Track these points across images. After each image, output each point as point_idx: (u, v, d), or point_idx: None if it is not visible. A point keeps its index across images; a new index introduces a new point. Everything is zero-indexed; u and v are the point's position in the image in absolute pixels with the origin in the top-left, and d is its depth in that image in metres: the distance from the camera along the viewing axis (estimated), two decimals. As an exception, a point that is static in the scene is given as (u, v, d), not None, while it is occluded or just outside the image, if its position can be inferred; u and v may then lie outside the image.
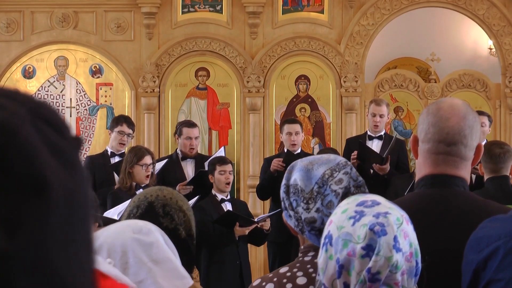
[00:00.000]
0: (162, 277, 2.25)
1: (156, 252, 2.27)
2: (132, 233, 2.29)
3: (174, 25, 10.30)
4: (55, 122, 0.90)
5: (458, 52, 12.96)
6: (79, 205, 0.89)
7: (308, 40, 10.26)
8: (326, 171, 2.36)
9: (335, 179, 2.34)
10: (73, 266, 0.87)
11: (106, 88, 10.30)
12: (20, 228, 0.83)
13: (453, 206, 2.63)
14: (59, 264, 0.85)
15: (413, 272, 1.96)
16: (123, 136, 8.15)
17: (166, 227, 2.82)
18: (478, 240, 2.14)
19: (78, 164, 0.90)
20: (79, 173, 0.90)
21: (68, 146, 0.89)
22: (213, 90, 10.26)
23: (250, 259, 9.76)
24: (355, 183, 2.35)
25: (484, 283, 2.09)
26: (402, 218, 1.97)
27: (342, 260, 1.93)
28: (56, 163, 0.86)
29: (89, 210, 0.91)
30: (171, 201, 2.90)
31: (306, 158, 2.45)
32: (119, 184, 7.35)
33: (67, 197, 0.87)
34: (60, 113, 0.93)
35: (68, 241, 0.87)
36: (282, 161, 8.23)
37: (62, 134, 0.90)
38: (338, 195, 2.32)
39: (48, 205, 0.85)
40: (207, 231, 7.24)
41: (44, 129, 0.87)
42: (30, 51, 10.28)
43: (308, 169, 2.37)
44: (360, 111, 10.16)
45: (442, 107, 2.69)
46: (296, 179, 2.38)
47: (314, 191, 2.33)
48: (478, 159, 2.73)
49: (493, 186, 5.95)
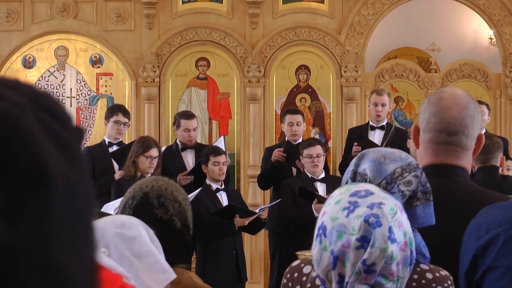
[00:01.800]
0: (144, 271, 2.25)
1: (139, 246, 2.26)
2: (115, 227, 2.28)
3: (174, 15, 10.28)
4: (57, 112, 0.89)
5: (458, 42, 12.94)
6: (80, 196, 0.88)
7: (309, 30, 10.25)
8: (397, 169, 2.30)
9: (405, 179, 2.29)
10: (74, 258, 0.86)
11: (106, 78, 10.29)
12: (21, 219, 0.83)
13: (454, 196, 2.63)
14: (60, 255, 0.85)
15: (408, 261, 1.96)
16: (119, 126, 8.17)
17: (161, 218, 2.81)
18: (477, 227, 2.13)
19: (80, 155, 0.90)
20: (80, 164, 0.89)
21: (70, 136, 0.89)
22: (214, 80, 10.26)
23: (250, 248, 9.79)
24: (423, 188, 2.30)
25: (483, 270, 2.09)
26: (396, 208, 1.97)
27: (336, 251, 1.93)
28: (58, 153, 0.86)
29: (90, 201, 0.91)
30: (166, 192, 2.88)
31: (378, 150, 2.38)
32: (124, 171, 7.37)
33: (68, 188, 0.86)
34: (62, 104, 0.92)
35: (69, 232, 0.86)
36: (283, 151, 8.24)
37: (64, 125, 0.89)
38: (404, 196, 2.28)
39: (49, 196, 0.84)
40: (204, 222, 7.24)
41: (46, 119, 0.87)
42: (30, 41, 10.26)
43: (380, 162, 2.32)
44: (360, 101, 10.16)
45: (443, 97, 2.69)
46: (366, 168, 2.32)
47: (381, 185, 2.28)
48: (479, 148, 2.73)
49: (481, 175, 6.38)
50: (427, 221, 2.31)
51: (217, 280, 7.19)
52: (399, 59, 11.95)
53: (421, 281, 2.27)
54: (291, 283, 2.39)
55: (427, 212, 2.31)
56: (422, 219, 2.30)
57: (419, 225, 2.31)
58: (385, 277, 1.92)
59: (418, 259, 2.28)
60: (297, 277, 2.38)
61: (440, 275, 2.29)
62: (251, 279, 9.44)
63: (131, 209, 2.86)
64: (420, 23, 12.92)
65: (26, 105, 0.86)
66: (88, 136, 10.20)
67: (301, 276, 2.36)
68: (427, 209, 2.31)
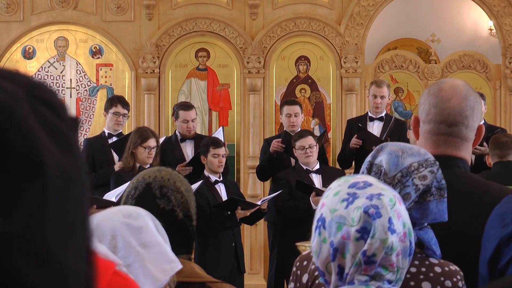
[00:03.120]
0: (150, 260, 2.26)
1: (145, 236, 2.28)
2: (122, 217, 2.30)
3: (174, 5, 10.27)
4: (53, 103, 0.89)
5: (458, 33, 12.94)
6: (75, 186, 0.88)
7: (308, 21, 10.24)
8: (414, 163, 2.31)
9: (420, 174, 2.30)
10: (69, 246, 0.87)
11: (106, 69, 10.29)
12: (16, 208, 0.83)
13: (454, 187, 2.64)
14: (55, 244, 0.85)
15: (407, 252, 1.96)
16: (119, 117, 8.17)
17: (163, 209, 2.82)
18: (502, 215, 2.12)
19: (75, 146, 0.90)
20: (76, 154, 0.90)
21: (65, 127, 0.89)
22: (213, 70, 10.25)
23: (250, 240, 9.80)
24: (438, 184, 2.31)
25: (507, 260, 2.08)
26: (395, 199, 1.97)
27: (336, 243, 1.92)
28: (53, 144, 0.86)
29: (85, 191, 0.91)
30: (169, 183, 2.89)
31: (397, 144, 2.38)
32: (123, 162, 7.38)
33: (63, 178, 0.86)
34: (58, 94, 0.92)
35: (64, 221, 0.87)
36: (281, 142, 8.24)
37: (60, 116, 0.89)
38: (418, 190, 2.29)
39: (44, 186, 0.84)
40: (205, 215, 7.25)
41: (42, 110, 0.87)
42: (30, 31, 10.25)
43: (397, 155, 2.32)
44: (360, 92, 10.15)
45: (443, 88, 2.69)
46: (383, 160, 2.32)
47: (396, 178, 2.29)
48: (479, 140, 2.73)
49: (498, 168, 6.82)
50: (440, 217, 2.31)
51: (216, 272, 7.17)
52: (399, 50, 11.94)
53: (429, 274, 2.27)
54: (300, 271, 2.41)
55: (440, 208, 2.31)
56: (435, 214, 2.30)
57: (432, 221, 2.31)
58: (385, 268, 1.92)
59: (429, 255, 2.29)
60: (306, 266, 2.39)
61: (450, 270, 2.29)
62: (250, 270, 9.46)
63: (133, 199, 2.87)
64: (420, 14, 12.91)
65: (21, 95, 0.86)
66: (88, 126, 10.19)
67: (309, 264, 2.38)
68: (441, 205, 2.31)
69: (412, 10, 12.74)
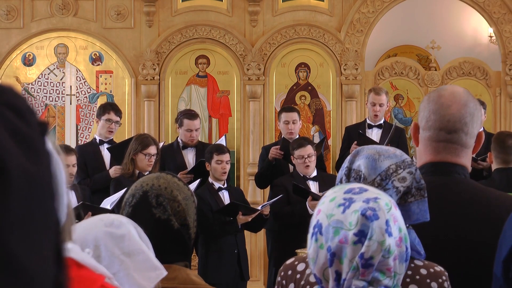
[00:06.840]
0: (135, 269, 2.25)
1: (128, 245, 2.27)
2: (104, 226, 2.29)
3: (174, 12, 10.28)
4: (19, 108, 0.90)
5: (458, 40, 12.94)
6: (41, 189, 0.88)
7: (308, 27, 10.25)
8: (392, 165, 2.31)
9: (399, 176, 2.30)
10: (33, 249, 0.86)
11: (106, 76, 10.29)
12: None
13: (454, 193, 2.63)
14: (17, 248, 0.84)
15: (404, 257, 1.95)
16: (111, 124, 8.17)
17: (159, 218, 2.80)
18: None
19: (42, 149, 0.90)
20: (43, 157, 0.90)
21: (31, 131, 0.89)
22: (213, 77, 10.25)
23: (250, 247, 9.79)
24: (417, 184, 2.31)
25: None
26: (390, 204, 1.97)
27: (333, 248, 1.92)
28: (17, 147, 0.86)
29: (53, 194, 0.90)
30: (166, 191, 2.87)
31: (373, 147, 2.39)
32: (122, 169, 7.38)
33: (27, 180, 0.86)
34: (26, 99, 0.93)
35: (28, 224, 0.86)
36: (279, 149, 8.24)
37: (25, 120, 0.89)
38: (399, 192, 2.29)
39: (5, 188, 0.84)
40: (207, 221, 7.25)
41: (6, 114, 0.87)
42: (30, 38, 10.26)
43: (374, 158, 2.33)
44: (360, 99, 10.15)
45: (443, 94, 2.68)
46: (361, 165, 2.33)
47: (375, 182, 2.30)
48: (479, 146, 2.72)
49: (499, 177, 6.15)
50: (422, 217, 2.31)
51: (219, 279, 7.20)
52: (398, 57, 11.94)
53: (415, 276, 2.27)
54: (285, 280, 2.39)
55: (421, 209, 2.31)
56: (417, 215, 2.31)
57: (414, 222, 2.31)
58: (383, 273, 1.91)
59: (413, 256, 2.28)
60: (291, 275, 2.38)
61: (435, 271, 2.30)
62: (251, 277, 9.45)
63: (130, 207, 2.86)
64: (420, 21, 12.92)
65: None
66: (88, 133, 10.19)
67: (294, 273, 2.37)
68: (422, 206, 2.31)
69: (412, 17, 12.75)
